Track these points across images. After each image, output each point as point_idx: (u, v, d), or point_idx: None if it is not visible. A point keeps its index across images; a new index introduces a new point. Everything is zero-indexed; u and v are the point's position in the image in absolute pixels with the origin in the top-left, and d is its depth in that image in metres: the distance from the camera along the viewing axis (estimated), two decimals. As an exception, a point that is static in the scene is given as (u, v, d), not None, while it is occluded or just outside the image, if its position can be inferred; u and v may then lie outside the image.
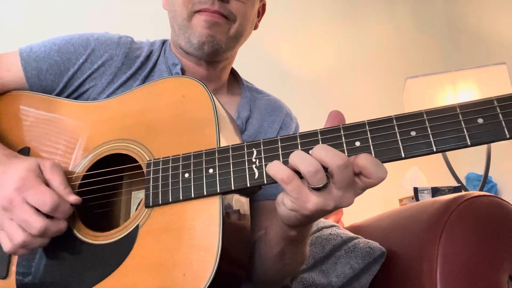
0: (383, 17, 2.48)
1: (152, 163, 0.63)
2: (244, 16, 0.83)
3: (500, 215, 0.86)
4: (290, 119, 0.95)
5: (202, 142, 0.62)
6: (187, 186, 0.59)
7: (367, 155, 0.50)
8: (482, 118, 0.49)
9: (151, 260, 0.58)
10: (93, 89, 0.81)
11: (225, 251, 0.55)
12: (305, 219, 0.56)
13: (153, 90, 0.71)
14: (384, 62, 2.37)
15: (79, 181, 0.69)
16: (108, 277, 0.59)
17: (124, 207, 0.75)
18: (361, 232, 1.15)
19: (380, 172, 0.50)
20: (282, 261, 0.71)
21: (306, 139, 0.55)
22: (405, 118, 0.52)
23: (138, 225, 0.61)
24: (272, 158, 0.55)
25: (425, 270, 0.84)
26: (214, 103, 0.64)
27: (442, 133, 0.50)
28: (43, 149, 0.73)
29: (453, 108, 0.50)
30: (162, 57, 0.88)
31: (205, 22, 0.78)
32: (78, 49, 0.81)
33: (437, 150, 0.50)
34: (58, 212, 0.60)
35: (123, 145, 0.68)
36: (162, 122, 0.67)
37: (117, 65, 0.82)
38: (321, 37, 2.31)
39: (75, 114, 0.75)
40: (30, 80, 0.80)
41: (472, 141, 0.49)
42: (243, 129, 0.87)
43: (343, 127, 0.54)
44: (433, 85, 1.82)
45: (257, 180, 0.56)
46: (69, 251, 0.65)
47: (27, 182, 0.60)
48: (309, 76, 2.21)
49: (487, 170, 1.80)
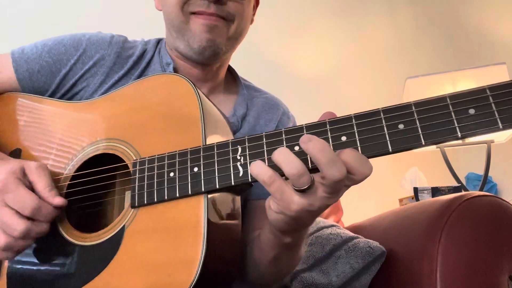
0: (383, 17, 2.47)
1: (138, 162, 0.62)
2: (242, 15, 0.81)
3: (500, 215, 0.86)
4: (287, 118, 0.94)
5: (189, 140, 0.61)
6: (172, 186, 0.58)
7: (351, 150, 0.48)
8: (473, 109, 0.46)
9: (136, 261, 0.57)
10: (86, 89, 0.81)
11: (211, 250, 0.55)
12: (293, 222, 0.54)
13: (140, 88, 0.70)
14: (384, 62, 2.37)
15: (68, 181, 0.68)
16: (95, 279, 0.59)
17: (117, 207, 0.75)
18: (361, 232, 1.15)
19: (364, 168, 0.48)
20: (276, 266, 0.69)
21: (291, 134, 0.53)
22: (393, 111, 0.49)
23: (124, 226, 0.61)
24: (257, 155, 0.54)
25: (425, 270, 0.84)
26: (200, 100, 0.63)
27: (431, 125, 0.47)
28: (35, 149, 0.73)
29: (443, 98, 0.48)
30: (156, 57, 0.87)
31: (204, 26, 0.77)
32: (69, 50, 0.81)
33: (425, 144, 0.47)
34: (40, 215, 0.59)
35: (110, 145, 0.68)
36: (148, 121, 0.66)
37: (109, 64, 0.82)
38: (321, 37, 2.31)
39: (65, 114, 0.75)
40: (22, 82, 0.80)
41: (463, 133, 0.46)
42: (238, 126, 0.86)
43: (329, 122, 0.52)
44: (433, 85, 1.82)
45: (241, 178, 0.55)
46: (57, 252, 0.64)
47: (7, 185, 0.59)
48: (309, 76, 2.21)
49: (487, 170, 1.79)
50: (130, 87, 0.71)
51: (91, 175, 0.68)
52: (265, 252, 0.67)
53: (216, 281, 0.59)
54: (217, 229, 0.58)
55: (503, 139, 1.83)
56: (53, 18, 1.81)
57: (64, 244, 0.64)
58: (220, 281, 0.60)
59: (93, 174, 0.68)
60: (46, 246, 0.65)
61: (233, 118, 0.86)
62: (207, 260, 0.54)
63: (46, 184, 0.62)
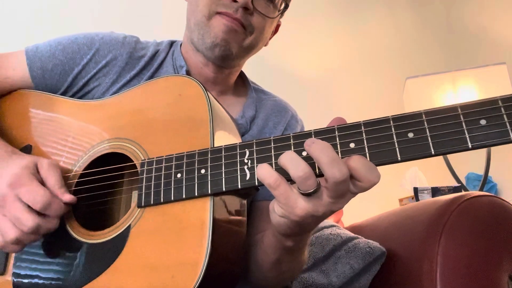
0: (383, 17, 2.48)
1: (146, 162, 0.63)
2: (261, 31, 0.83)
3: (500, 215, 0.86)
4: (296, 121, 0.95)
5: (197, 142, 0.61)
6: (178, 187, 0.59)
7: (359, 157, 0.47)
8: (485, 119, 0.45)
9: (140, 260, 0.58)
10: (98, 89, 0.82)
11: (215, 253, 0.55)
12: (296, 226, 0.54)
13: (151, 89, 0.70)
14: (384, 62, 2.37)
15: (77, 179, 0.69)
16: (99, 277, 0.60)
17: (124, 207, 0.75)
18: (361, 232, 1.15)
19: (372, 176, 0.47)
20: (279, 269, 0.69)
21: (299, 139, 0.53)
22: (403, 119, 0.49)
23: (130, 225, 0.61)
24: (264, 159, 0.54)
25: (425, 270, 0.84)
26: (209, 102, 0.63)
27: (441, 134, 0.47)
28: (45, 146, 0.74)
29: (454, 108, 0.47)
30: (169, 58, 0.87)
31: (225, 26, 0.78)
32: (82, 49, 0.81)
33: (435, 153, 0.47)
34: (50, 210, 0.60)
35: (119, 144, 0.68)
36: (158, 121, 0.66)
37: (121, 64, 0.83)
38: (321, 37, 2.31)
39: (76, 112, 0.76)
40: (35, 80, 0.81)
41: (473, 144, 0.46)
42: (247, 128, 0.87)
43: (338, 128, 0.52)
44: (433, 85, 1.82)
45: (248, 182, 0.55)
46: (63, 249, 0.65)
47: (21, 179, 0.61)
48: (309, 76, 2.21)
49: (487, 170, 1.80)
50: (141, 87, 0.72)
51: (100, 173, 0.69)
52: (267, 255, 0.67)
53: (219, 283, 0.59)
54: (222, 231, 0.58)
55: (503, 139, 1.83)
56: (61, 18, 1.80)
57: (70, 241, 0.65)
58: (223, 283, 0.60)
59: (102, 172, 0.69)
60: (52, 242, 0.65)
61: (242, 120, 0.87)
62: (211, 262, 0.54)
63: (57, 181, 0.63)
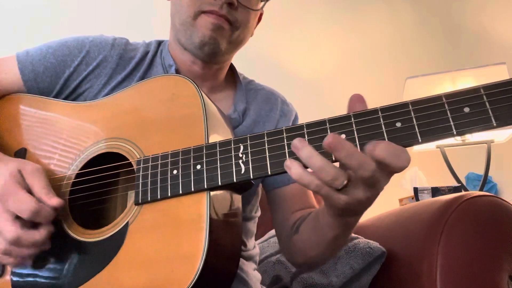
0: (383, 17, 2.48)
1: (142, 160, 0.64)
2: (247, 25, 0.84)
3: (500, 215, 0.86)
4: (287, 106, 0.97)
5: (192, 139, 0.62)
6: (175, 183, 0.60)
7: (385, 145, 0.47)
8: (468, 107, 0.48)
9: (140, 256, 0.59)
10: (90, 90, 0.83)
11: (213, 245, 0.56)
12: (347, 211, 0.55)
13: (144, 89, 0.72)
14: (385, 61, 2.37)
15: (73, 179, 0.69)
16: (99, 274, 0.60)
17: (121, 205, 0.76)
18: (361, 232, 1.15)
19: (400, 161, 0.47)
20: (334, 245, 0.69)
21: (292, 132, 0.54)
22: (391, 109, 0.51)
23: (128, 222, 0.62)
24: (259, 152, 0.56)
25: (425, 270, 0.84)
26: (203, 100, 0.65)
27: (427, 123, 0.49)
28: (40, 149, 0.75)
29: (439, 97, 0.49)
30: (158, 58, 0.89)
31: (212, 25, 0.79)
32: (73, 51, 0.83)
33: (422, 141, 0.49)
34: (40, 218, 0.60)
35: (114, 144, 0.69)
36: (152, 120, 0.67)
37: (112, 66, 0.84)
38: (321, 36, 2.31)
39: (69, 114, 0.76)
40: (27, 83, 0.82)
41: (458, 130, 0.48)
42: (240, 121, 0.88)
43: (328, 120, 0.53)
44: (433, 85, 1.82)
45: (243, 176, 0.56)
46: (62, 248, 0.65)
47: (7, 189, 0.60)
48: (309, 76, 2.22)
49: (487, 170, 1.79)
50: (135, 87, 0.73)
51: (96, 173, 0.69)
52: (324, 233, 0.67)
53: (217, 276, 0.60)
54: (219, 225, 0.59)
55: (503, 139, 1.83)
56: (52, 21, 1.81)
57: (68, 240, 0.65)
58: (221, 276, 0.61)
59: (98, 172, 0.69)
60: (51, 242, 0.65)
61: (234, 114, 0.88)
62: (209, 255, 0.55)
63: (42, 186, 0.62)
